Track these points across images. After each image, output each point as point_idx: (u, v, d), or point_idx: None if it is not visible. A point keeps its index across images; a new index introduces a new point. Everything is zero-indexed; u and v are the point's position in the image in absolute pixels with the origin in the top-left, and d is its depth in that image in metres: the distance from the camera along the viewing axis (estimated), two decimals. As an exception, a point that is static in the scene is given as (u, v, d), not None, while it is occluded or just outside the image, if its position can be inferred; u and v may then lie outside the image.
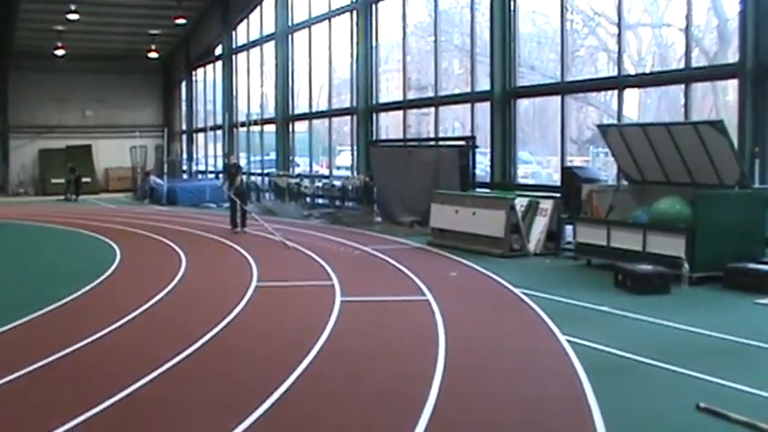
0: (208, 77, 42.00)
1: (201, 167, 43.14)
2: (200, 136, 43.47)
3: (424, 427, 6.03)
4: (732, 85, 16.55)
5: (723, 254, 12.27)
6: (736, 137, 13.66)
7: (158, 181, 34.85)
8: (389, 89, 28.49)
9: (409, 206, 21.55)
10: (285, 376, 7.32)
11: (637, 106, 21.40)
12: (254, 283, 12.63)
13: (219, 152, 39.13)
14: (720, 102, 18.92)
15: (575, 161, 19.83)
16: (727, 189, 13.07)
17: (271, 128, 34.03)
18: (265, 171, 33.85)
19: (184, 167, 44.61)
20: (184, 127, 45.28)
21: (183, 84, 45.07)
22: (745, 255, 12.36)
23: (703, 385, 7.11)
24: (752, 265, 12.04)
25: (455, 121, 26.79)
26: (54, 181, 40.37)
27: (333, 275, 13.29)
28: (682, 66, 16.43)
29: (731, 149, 12.94)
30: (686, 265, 12.07)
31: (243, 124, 36.48)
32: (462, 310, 10.63)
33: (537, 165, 24.96)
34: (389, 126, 28.42)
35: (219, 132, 38.84)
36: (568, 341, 8.63)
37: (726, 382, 7.14)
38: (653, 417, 6.36)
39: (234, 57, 37.96)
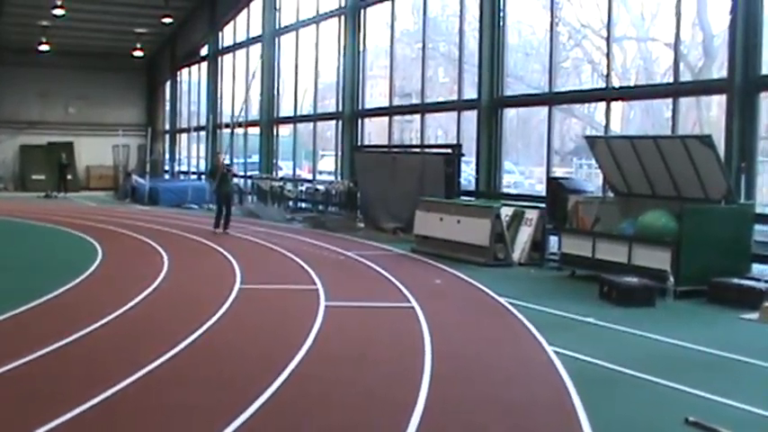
0: (193, 78, 41.83)
1: (184, 168, 42.96)
2: (184, 136, 43.29)
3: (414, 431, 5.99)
4: (716, 101, 16.66)
5: (708, 268, 12.29)
6: (723, 152, 13.69)
7: (140, 180, 34.67)
8: (373, 96, 28.45)
9: (393, 212, 21.51)
10: (271, 379, 7.25)
11: (620, 119, 21.51)
12: (237, 286, 12.55)
13: (203, 153, 38.97)
14: (704, 117, 19.02)
15: (557, 172, 19.86)
16: (713, 204, 13.10)
17: (255, 130, 33.92)
18: (248, 173, 33.72)
19: (167, 167, 44.40)
20: (168, 127, 45.11)
21: (168, 84, 44.87)
22: (730, 269, 12.38)
23: (690, 399, 7.09)
24: (736, 280, 12.06)
25: (438, 129, 26.83)
26: (35, 177, 40.08)
27: (316, 279, 13.23)
28: (666, 80, 16.48)
29: (718, 164, 12.98)
30: (671, 279, 12.08)
31: (227, 126, 36.32)
32: (448, 318, 10.59)
33: (520, 175, 25.01)
34: (372, 132, 28.39)
35: (203, 133, 38.66)
36: (555, 351, 8.61)
37: (712, 396, 7.13)
38: (641, 428, 6.35)
39: (219, 58, 37.83)
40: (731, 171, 13.66)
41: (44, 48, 40.08)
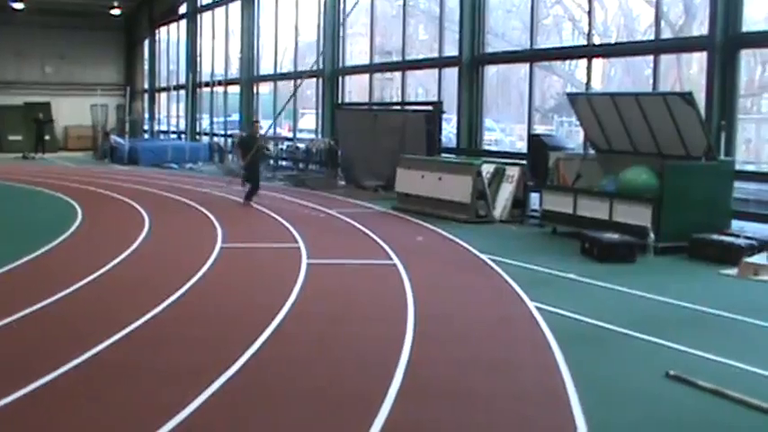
0: (171, 36, 41.42)
1: (164, 127, 42.65)
2: (163, 96, 42.95)
3: (396, 391, 6.00)
4: (696, 59, 16.64)
5: (689, 224, 12.36)
6: (704, 109, 13.70)
7: (119, 140, 34.38)
8: (354, 54, 28.25)
9: (374, 170, 21.48)
10: (253, 339, 7.25)
11: (601, 77, 21.47)
12: (218, 245, 12.51)
13: (182, 112, 38.71)
14: (685, 75, 19.00)
15: (538, 130, 19.85)
16: (693, 161, 13.14)
17: (235, 89, 33.69)
18: (229, 132, 33.55)
19: (146, 127, 44.08)
20: (147, 86, 44.68)
21: (146, 42, 44.37)
22: (710, 226, 12.45)
23: (670, 353, 7.15)
24: (716, 236, 12.14)
25: (419, 87, 26.70)
26: (11, 138, 39.68)
27: (298, 238, 13.21)
28: (647, 37, 16.45)
29: (699, 121, 12.99)
30: (652, 235, 12.14)
31: (207, 84, 36.09)
32: (430, 275, 10.62)
33: (500, 132, 24.97)
34: (353, 91, 28.24)
35: (182, 92, 38.38)
36: (537, 307, 8.65)
37: (692, 350, 7.20)
38: (623, 383, 6.40)
39: (198, 16, 37.42)
40: (711, 128, 13.68)
41: (18, 5, 39.42)
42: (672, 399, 6.05)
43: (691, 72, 18.65)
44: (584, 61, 17.93)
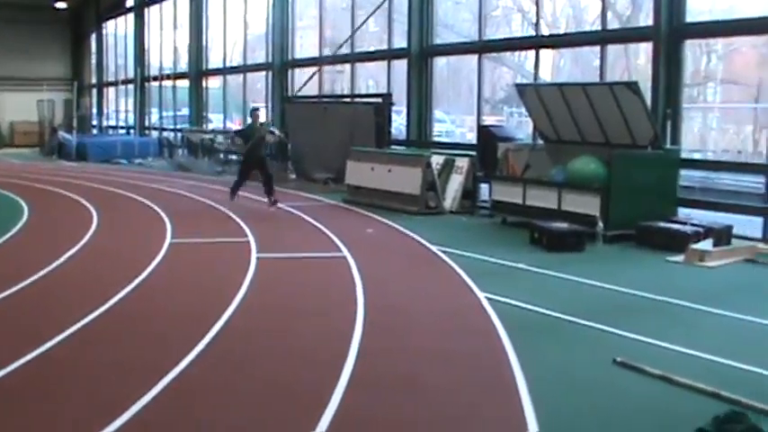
0: (119, 30, 40.86)
1: (112, 122, 42.14)
2: (111, 90, 42.41)
3: (346, 382, 6.00)
4: (643, 49, 16.79)
5: (636, 213, 12.50)
6: (650, 98, 13.85)
7: (67, 136, 33.96)
8: (304, 47, 28.14)
9: (324, 163, 21.42)
10: (203, 334, 7.18)
11: (551, 68, 21.59)
12: (168, 240, 12.40)
13: (131, 107, 38.30)
14: (632, 65, 19.19)
15: (488, 121, 19.94)
16: (640, 149, 13.28)
17: (184, 83, 33.40)
18: (178, 127, 33.28)
19: (94, 122, 43.52)
20: (94, 81, 44.11)
21: (93, 36, 43.80)
22: (657, 213, 12.60)
23: (618, 341, 7.23)
24: (662, 224, 12.29)
25: (369, 79, 26.68)
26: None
27: (248, 232, 13.14)
28: (594, 28, 16.57)
29: (645, 110, 13.14)
30: (600, 224, 12.26)
31: (155, 78, 35.73)
32: (380, 267, 10.62)
33: (451, 124, 25.05)
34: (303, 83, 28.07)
35: (131, 87, 37.95)
36: (487, 298, 8.68)
37: (640, 337, 7.29)
38: (571, 371, 6.45)
39: (146, 9, 36.99)
40: (657, 117, 13.83)
41: (-41, -1, 38.67)
42: (619, 385, 6.11)
43: (638, 62, 18.84)
44: (533, 52, 18.01)
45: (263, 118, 20.54)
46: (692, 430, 5.12)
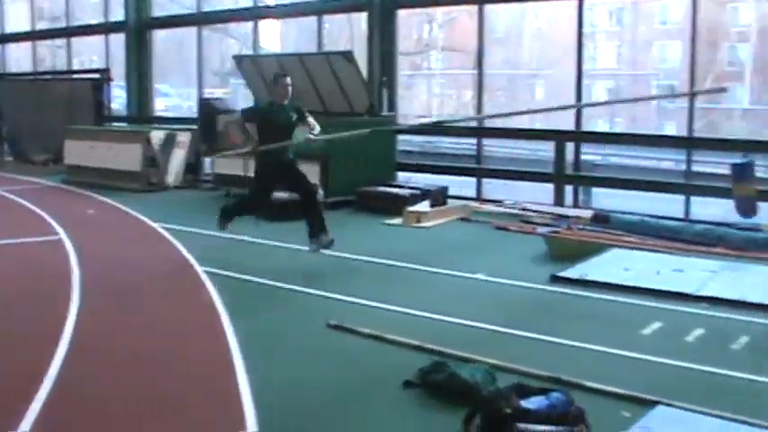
0: None
1: None
2: None
3: (60, 363, 5.81)
4: (364, 18, 17.13)
5: (356, 179, 12.78)
6: (366, 67, 14.15)
7: None
8: (18, 20, 26.53)
9: (43, 143, 20.36)
10: None
11: (279, 39, 21.65)
12: None
13: None
14: (356, 34, 19.56)
15: (216, 93, 19.70)
16: (357, 117, 13.54)
17: None
18: None
19: None
20: None
21: None
22: (376, 179, 12.96)
23: (336, 305, 7.36)
24: (381, 189, 12.65)
25: (93, 55, 25.64)
26: None
27: (-47, 219, 12.29)
28: (312, -1, 16.74)
29: (360, 79, 13.42)
30: (321, 191, 12.39)
31: None
32: (98, 248, 10.20)
33: (178, 98, 24.59)
34: (20, 58, 26.57)
35: None
36: (206, 272, 8.57)
37: (357, 299, 7.47)
38: (287, 339, 6.50)
39: None
40: (374, 85, 14.16)
41: None
42: (332, 348, 6.23)
43: (362, 31, 19.23)
44: (262, 24, 17.94)
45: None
46: (401, 382, 5.31)
